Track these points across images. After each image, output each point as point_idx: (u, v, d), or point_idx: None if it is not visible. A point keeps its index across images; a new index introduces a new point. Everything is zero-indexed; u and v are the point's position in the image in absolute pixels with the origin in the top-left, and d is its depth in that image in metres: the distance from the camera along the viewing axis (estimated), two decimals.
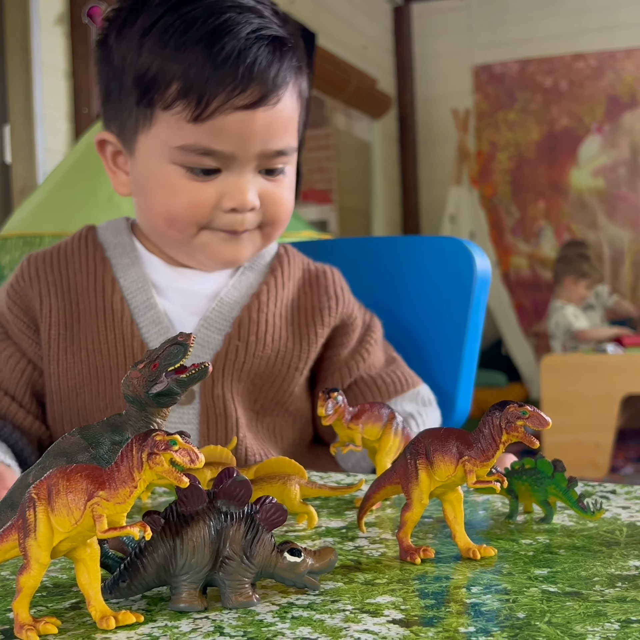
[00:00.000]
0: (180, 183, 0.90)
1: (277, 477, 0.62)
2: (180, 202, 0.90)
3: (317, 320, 0.98)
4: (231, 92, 0.85)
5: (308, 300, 0.99)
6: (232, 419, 0.94)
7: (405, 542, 0.53)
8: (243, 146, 0.88)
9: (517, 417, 0.50)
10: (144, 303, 0.95)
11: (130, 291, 0.96)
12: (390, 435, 0.68)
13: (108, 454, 0.49)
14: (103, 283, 0.95)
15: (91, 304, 0.95)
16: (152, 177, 0.91)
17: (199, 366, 0.49)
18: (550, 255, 5.46)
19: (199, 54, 0.85)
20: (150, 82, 0.88)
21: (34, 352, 0.95)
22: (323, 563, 0.46)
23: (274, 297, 0.98)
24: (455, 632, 0.41)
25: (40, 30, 2.86)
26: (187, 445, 0.41)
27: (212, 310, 0.96)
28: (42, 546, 0.41)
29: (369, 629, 0.41)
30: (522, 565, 0.51)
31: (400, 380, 1.00)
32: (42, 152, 2.85)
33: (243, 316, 0.95)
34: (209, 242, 0.93)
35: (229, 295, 0.97)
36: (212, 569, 0.45)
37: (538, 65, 5.56)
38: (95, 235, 1.00)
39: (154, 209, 0.93)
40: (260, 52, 0.86)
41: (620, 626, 0.41)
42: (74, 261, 0.97)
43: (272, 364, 0.96)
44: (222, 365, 0.94)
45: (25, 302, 0.96)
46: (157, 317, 0.94)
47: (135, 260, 0.97)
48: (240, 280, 0.98)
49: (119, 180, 0.97)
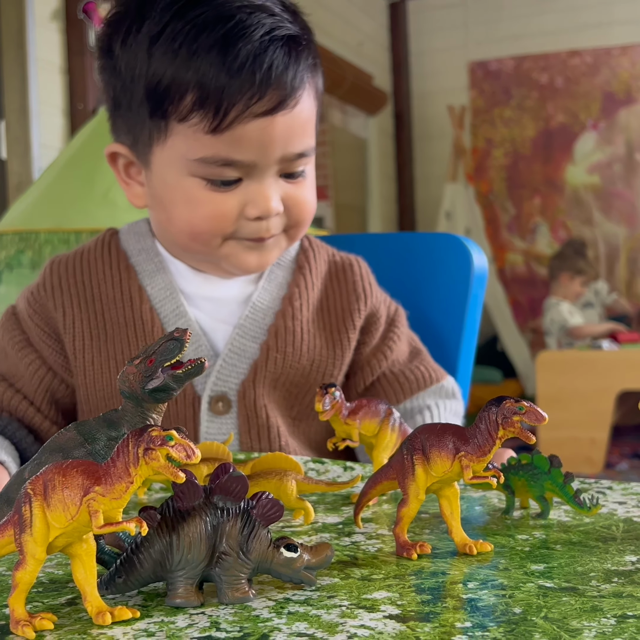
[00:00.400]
0: (201, 195, 0.87)
1: (274, 473, 0.62)
2: (202, 214, 0.87)
3: (347, 324, 0.97)
4: (249, 100, 0.82)
5: (337, 300, 0.98)
6: (273, 427, 0.93)
7: (402, 537, 0.53)
8: (264, 153, 0.85)
9: (513, 412, 0.50)
10: (173, 312, 0.93)
11: (159, 300, 0.94)
12: (388, 431, 0.68)
13: (104, 450, 0.49)
14: (130, 293, 0.94)
15: (119, 314, 0.93)
16: (171, 190, 0.88)
17: (195, 362, 0.49)
18: (546, 251, 5.46)
19: (213, 62, 0.81)
20: (163, 93, 0.84)
21: (55, 361, 0.94)
22: (319, 559, 0.46)
23: (306, 301, 0.96)
24: (452, 627, 0.41)
25: (35, 26, 2.85)
26: (184, 440, 0.41)
27: (245, 317, 0.94)
28: (38, 542, 0.41)
29: (365, 625, 0.41)
30: (519, 561, 0.51)
31: (423, 375, 1.00)
32: (38, 148, 2.84)
33: (278, 325, 0.94)
34: (234, 251, 0.90)
35: (261, 300, 0.95)
36: (208, 564, 0.45)
37: (534, 62, 5.56)
38: (118, 241, 0.98)
39: (175, 223, 0.90)
40: (276, 55, 0.83)
41: (617, 621, 0.41)
42: (97, 271, 0.95)
43: (308, 372, 0.95)
44: (260, 374, 0.93)
45: (46, 312, 0.94)
46: (188, 326, 0.92)
47: (160, 265, 0.95)
48: (269, 280, 0.97)
49: (133, 192, 0.94)
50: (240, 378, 0.93)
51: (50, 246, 1.92)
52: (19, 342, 0.95)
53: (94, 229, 1.90)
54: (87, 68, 2.92)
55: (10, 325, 0.97)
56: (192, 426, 0.92)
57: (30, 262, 1.94)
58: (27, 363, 0.94)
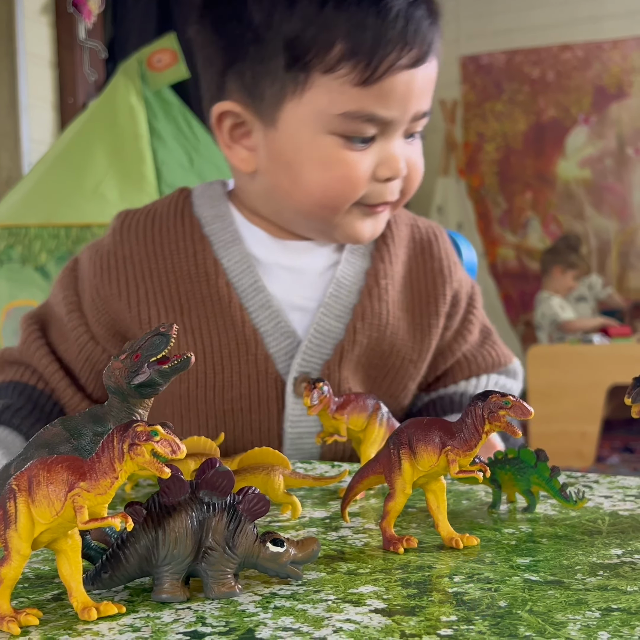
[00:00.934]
0: (338, 155, 0.82)
1: (261, 468, 0.62)
2: (337, 175, 0.83)
3: (431, 309, 0.94)
4: (400, 52, 0.80)
5: (421, 280, 0.95)
6: None
7: (389, 531, 0.53)
8: (404, 109, 0.83)
9: (499, 407, 0.50)
10: (251, 286, 0.89)
11: (235, 274, 0.89)
12: (375, 425, 0.68)
13: (90, 445, 0.49)
14: (205, 267, 0.89)
15: (194, 288, 0.89)
16: (303, 149, 0.83)
17: (181, 357, 0.48)
18: (537, 246, 5.47)
19: (367, 11, 0.79)
20: (308, 43, 0.80)
21: (98, 331, 0.91)
22: (306, 553, 0.46)
23: (391, 279, 0.92)
24: (437, 621, 0.41)
25: (25, 19, 2.84)
26: (169, 436, 0.41)
27: (330, 295, 0.90)
28: (23, 537, 0.41)
29: (351, 619, 0.41)
30: (505, 555, 0.51)
31: (493, 360, 0.99)
32: (27, 143, 2.83)
33: (365, 305, 0.90)
34: (352, 219, 0.87)
35: (345, 275, 0.91)
36: (194, 559, 0.45)
37: (525, 56, 5.55)
38: (191, 206, 0.93)
39: (303, 186, 0.84)
40: (422, 9, 0.82)
41: (601, 614, 0.41)
42: (170, 241, 0.91)
43: (387, 356, 0.92)
44: (345, 356, 0.90)
45: (111, 282, 0.90)
46: (267, 301, 0.89)
47: (236, 235, 0.91)
48: (352, 251, 0.92)
49: (238, 156, 0.88)
50: (324, 359, 0.90)
51: (40, 241, 1.92)
52: (70, 304, 0.92)
53: (84, 223, 1.90)
54: (77, 62, 2.91)
55: (67, 283, 0.94)
56: (276, 407, 0.89)
57: (20, 257, 1.94)
58: (72, 327, 0.92)
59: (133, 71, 2.21)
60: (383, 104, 0.82)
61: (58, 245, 1.91)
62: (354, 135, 0.82)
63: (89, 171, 2.03)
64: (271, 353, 0.89)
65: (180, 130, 2.22)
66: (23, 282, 1.94)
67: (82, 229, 1.90)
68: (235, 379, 0.89)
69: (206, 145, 2.25)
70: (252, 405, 0.89)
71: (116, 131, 2.12)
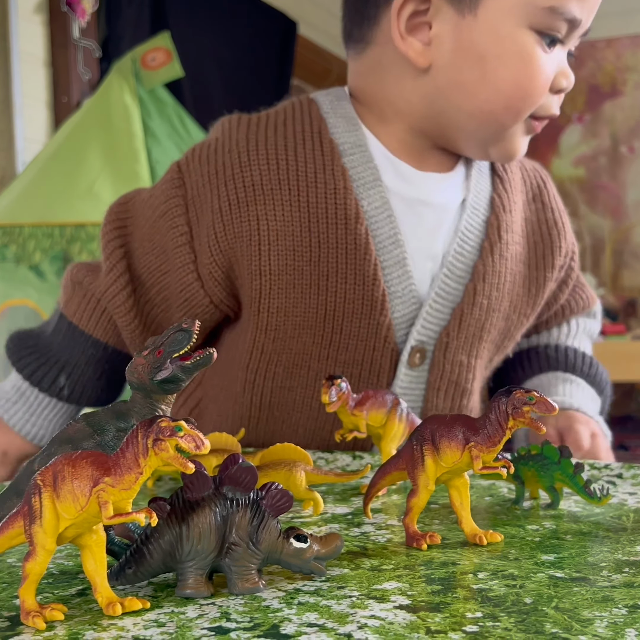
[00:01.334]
0: (534, 52, 0.78)
1: (283, 464, 0.62)
2: (531, 74, 0.78)
3: (547, 262, 0.90)
4: None
5: (537, 233, 0.91)
6: (467, 389, 0.86)
7: (412, 528, 0.53)
8: (588, 16, 0.80)
9: (523, 402, 0.50)
10: (390, 238, 0.82)
11: (375, 221, 0.82)
12: (395, 421, 0.68)
13: (113, 441, 0.49)
14: (345, 208, 0.80)
15: (330, 232, 0.80)
16: (502, 42, 0.78)
17: (203, 353, 0.48)
18: None
19: None
20: None
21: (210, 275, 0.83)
22: (329, 549, 0.46)
23: (511, 233, 0.87)
24: (462, 617, 0.40)
25: (18, 18, 2.84)
26: (193, 431, 0.41)
27: (453, 253, 0.84)
28: (48, 533, 0.41)
29: (375, 615, 0.41)
30: (529, 551, 0.51)
31: (583, 303, 1.00)
32: (21, 142, 2.84)
33: (486, 263, 0.85)
34: (517, 133, 0.83)
35: (469, 227, 0.85)
36: (218, 555, 0.45)
37: None
38: (327, 131, 0.83)
39: (493, 82, 0.79)
40: None
41: (628, 611, 0.41)
42: (308, 170, 0.81)
43: (506, 316, 0.88)
44: (464, 322, 0.85)
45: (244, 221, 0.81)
46: (402, 258, 0.82)
47: (377, 174, 0.82)
48: (476, 192, 0.87)
49: (413, 49, 0.80)
50: (442, 325, 0.85)
51: (35, 240, 1.93)
52: (180, 236, 0.84)
53: (78, 222, 1.90)
54: (71, 61, 2.91)
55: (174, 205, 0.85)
56: (386, 378, 0.85)
57: (14, 256, 1.94)
58: (180, 264, 0.84)
59: (127, 70, 2.21)
60: (582, 5, 0.79)
61: (52, 244, 1.91)
62: (550, 32, 0.78)
63: (83, 170, 2.03)
64: (393, 319, 0.83)
65: (175, 129, 2.22)
66: (17, 282, 1.94)
67: (76, 228, 1.90)
68: (351, 343, 0.83)
69: None
70: (362, 373, 0.85)
71: (110, 130, 2.12)
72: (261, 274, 0.81)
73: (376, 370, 0.85)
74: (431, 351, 0.85)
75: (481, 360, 0.88)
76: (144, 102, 2.21)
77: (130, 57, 2.25)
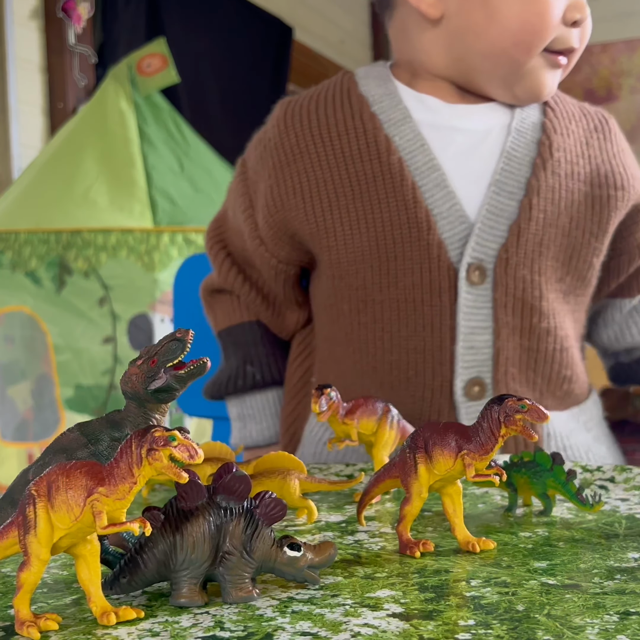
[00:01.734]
0: None
1: (277, 472, 0.62)
2: (537, 11, 0.83)
3: (609, 181, 0.91)
4: None
5: (598, 156, 0.92)
6: (535, 307, 0.87)
7: (405, 535, 0.53)
8: None
9: (515, 410, 0.50)
10: (426, 164, 0.86)
11: (408, 151, 0.87)
12: (386, 428, 0.68)
13: (107, 450, 0.49)
14: (377, 144, 0.87)
15: (365, 168, 0.87)
16: None
17: (197, 362, 0.49)
18: None
19: None
20: None
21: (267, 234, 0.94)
22: (323, 557, 0.46)
23: (564, 151, 0.89)
24: (455, 625, 0.41)
25: (14, 24, 2.84)
26: (186, 441, 0.41)
27: (500, 171, 0.87)
28: (42, 542, 0.41)
29: (368, 623, 0.41)
30: (522, 558, 0.51)
31: None
32: (17, 148, 2.83)
33: (539, 178, 0.87)
34: (538, 69, 0.86)
35: (515, 147, 0.88)
36: (212, 564, 0.45)
37: None
38: (356, 86, 0.92)
39: (501, 22, 0.84)
40: None
41: (620, 618, 0.41)
42: (338, 121, 0.90)
43: (567, 232, 0.89)
44: (522, 237, 0.86)
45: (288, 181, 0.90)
46: (442, 180, 0.86)
47: (407, 113, 0.89)
48: (523, 121, 0.89)
49: (424, 1, 0.87)
50: (500, 242, 0.86)
51: (30, 246, 1.93)
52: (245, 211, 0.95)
53: (74, 228, 1.90)
54: (67, 67, 2.91)
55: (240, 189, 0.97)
56: (448, 298, 0.86)
57: (10, 263, 1.94)
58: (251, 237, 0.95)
59: (123, 76, 2.21)
60: None
61: (48, 250, 1.91)
62: None
63: (79, 176, 2.03)
64: (444, 238, 0.86)
65: (171, 135, 2.23)
66: (14, 288, 1.94)
67: (72, 234, 1.90)
68: (407, 266, 0.86)
69: (197, 150, 2.25)
70: (424, 296, 0.87)
71: (106, 136, 2.12)
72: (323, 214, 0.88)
73: (437, 291, 0.86)
74: (491, 269, 0.86)
75: (545, 277, 0.89)
76: (139, 108, 2.21)
77: (126, 63, 2.25)
